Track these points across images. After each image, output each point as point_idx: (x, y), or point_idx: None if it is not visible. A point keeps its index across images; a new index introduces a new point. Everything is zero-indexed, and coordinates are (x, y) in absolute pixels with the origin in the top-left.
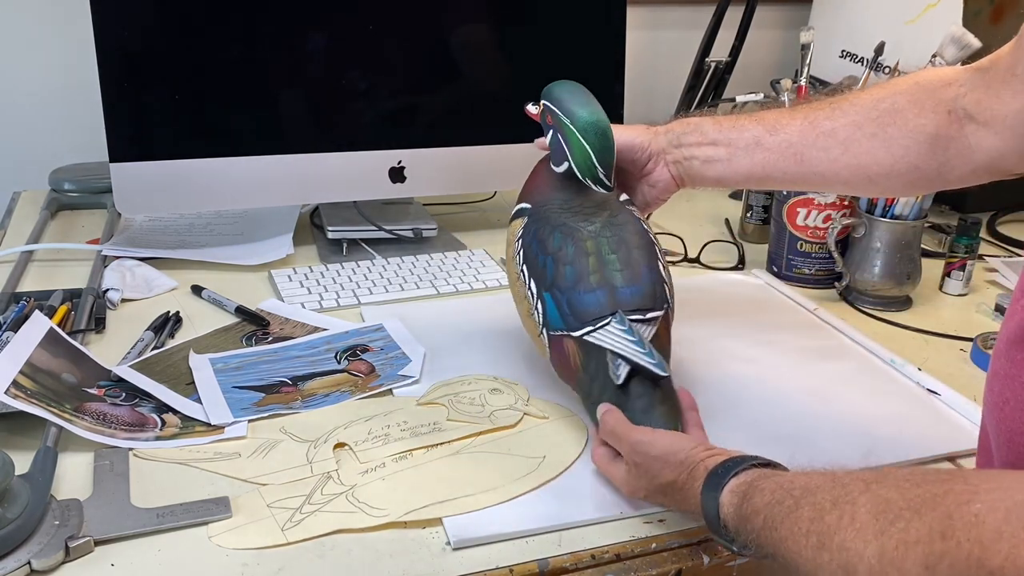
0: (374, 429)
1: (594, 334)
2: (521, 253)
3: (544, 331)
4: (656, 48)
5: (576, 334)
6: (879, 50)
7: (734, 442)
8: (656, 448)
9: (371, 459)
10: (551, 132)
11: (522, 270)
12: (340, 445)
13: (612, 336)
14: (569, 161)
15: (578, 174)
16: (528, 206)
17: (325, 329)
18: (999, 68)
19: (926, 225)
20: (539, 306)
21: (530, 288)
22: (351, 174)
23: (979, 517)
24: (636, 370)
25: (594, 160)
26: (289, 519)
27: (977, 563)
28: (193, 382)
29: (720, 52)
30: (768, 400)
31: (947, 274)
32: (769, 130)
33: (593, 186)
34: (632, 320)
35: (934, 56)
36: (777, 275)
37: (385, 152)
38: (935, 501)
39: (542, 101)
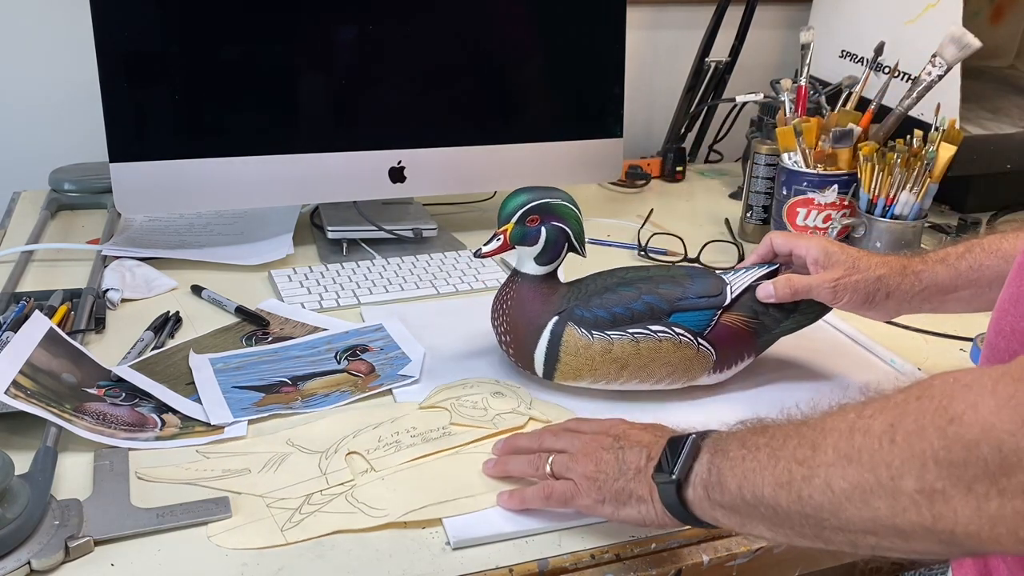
0: (383, 436)
1: (734, 288)
2: (611, 333)
3: (697, 340)
4: (656, 48)
5: (728, 301)
6: (879, 50)
7: None
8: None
9: (386, 467)
10: (541, 233)
11: (632, 335)
12: (352, 454)
13: (742, 276)
14: (568, 244)
15: (576, 244)
16: (556, 317)
17: (325, 329)
18: None
19: (926, 225)
20: (676, 330)
21: (652, 331)
22: (351, 174)
23: (958, 380)
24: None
25: (583, 224)
26: (289, 519)
27: (941, 411)
28: (193, 382)
29: (720, 52)
30: (768, 399)
31: None
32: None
33: (582, 252)
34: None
35: (934, 56)
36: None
37: (385, 152)
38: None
39: (517, 214)
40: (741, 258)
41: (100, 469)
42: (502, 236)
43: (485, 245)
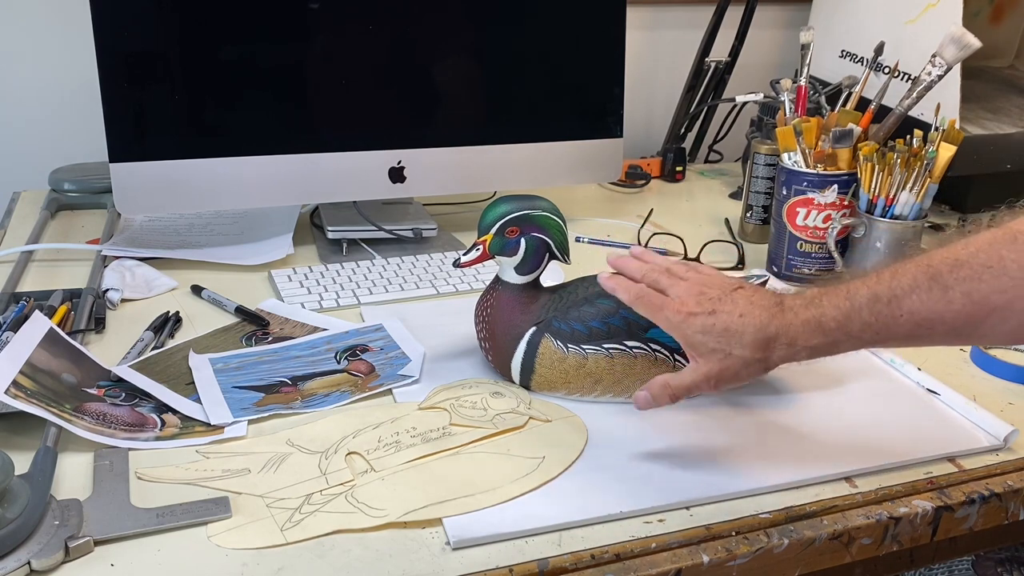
0: (383, 437)
1: None
2: (586, 347)
3: (674, 356)
4: (656, 48)
5: None
6: (879, 50)
7: (735, 437)
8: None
9: (386, 467)
10: (520, 245)
11: (607, 350)
12: (352, 454)
13: None
14: (549, 253)
15: (558, 255)
16: (534, 328)
17: (325, 329)
18: None
19: (926, 225)
20: (652, 347)
21: (628, 346)
22: (351, 174)
23: None
24: None
25: (566, 233)
26: (288, 519)
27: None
28: (193, 382)
29: (720, 52)
30: (768, 398)
31: None
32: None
33: (565, 260)
34: None
35: (934, 56)
36: (777, 275)
37: (385, 152)
38: None
39: (496, 225)
40: (741, 258)
41: (100, 469)
42: (481, 246)
43: (464, 255)
